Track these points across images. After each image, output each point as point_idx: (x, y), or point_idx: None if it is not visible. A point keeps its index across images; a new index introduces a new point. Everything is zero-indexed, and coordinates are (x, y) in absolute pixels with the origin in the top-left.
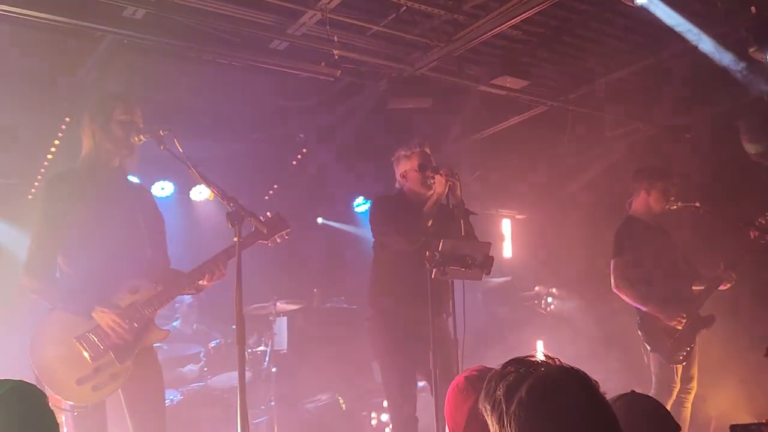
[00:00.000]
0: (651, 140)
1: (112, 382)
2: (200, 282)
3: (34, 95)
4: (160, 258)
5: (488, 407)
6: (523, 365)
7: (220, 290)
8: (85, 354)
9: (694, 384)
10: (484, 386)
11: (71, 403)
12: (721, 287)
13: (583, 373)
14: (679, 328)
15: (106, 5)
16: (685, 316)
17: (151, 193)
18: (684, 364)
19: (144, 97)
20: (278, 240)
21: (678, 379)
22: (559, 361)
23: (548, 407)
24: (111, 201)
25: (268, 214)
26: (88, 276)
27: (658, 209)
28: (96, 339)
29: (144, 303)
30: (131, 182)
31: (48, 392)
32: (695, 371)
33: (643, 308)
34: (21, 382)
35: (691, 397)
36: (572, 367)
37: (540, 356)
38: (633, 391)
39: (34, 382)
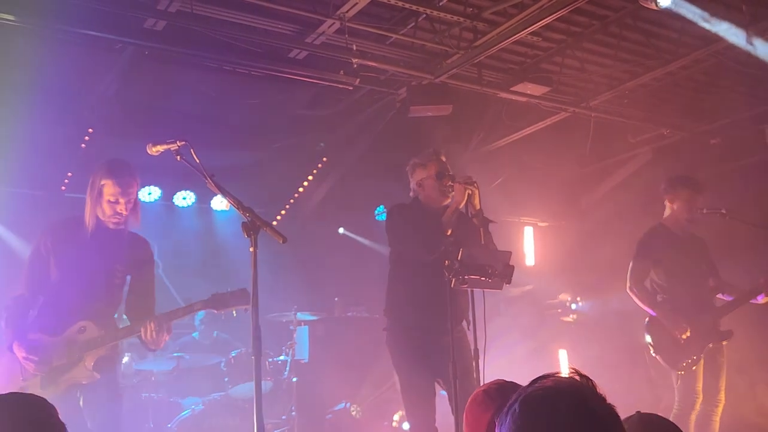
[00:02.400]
0: (676, 146)
1: None
2: (144, 337)
3: (57, 106)
4: (145, 304)
5: (497, 421)
6: (539, 380)
7: None
8: (20, 373)
9: (722, 396)
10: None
11: None
12: (759, 300)
13: (585, 385)
14: (683, 337)
15: (127, 17)
16: (687, 328)
17: (144, 244)
18: (699, 374)
19: (164, 106)
20: (234, 313)
21: (700, 391)
22: (593, 382)
23: (536, 422)
24: (91, 250)
25: (235, 289)
26: (45, 310)
27: (685, 218)
28: None
29: (82, 344)
30: (123, 233)
31: None
32: (723, 383)
33: (652, 312)
34: (28, 395)
35: (719, 410)
36: (572, 380)
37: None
38: (638, 412)
39: None
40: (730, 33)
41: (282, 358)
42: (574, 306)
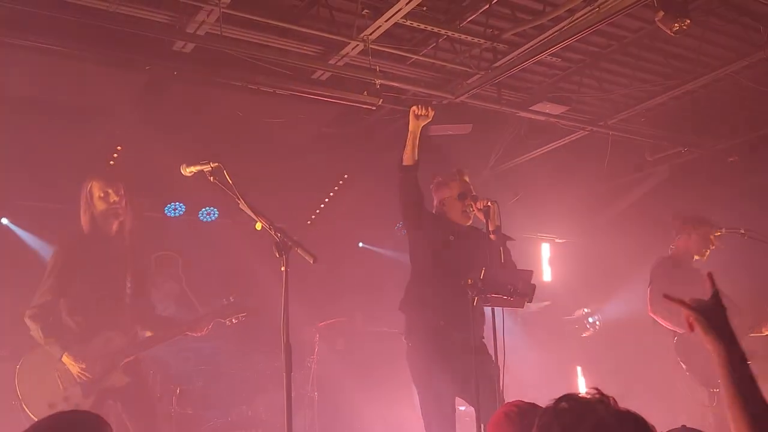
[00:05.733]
0: (693, 164)
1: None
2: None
3: (87, 124)
4: (144, 307)
5: None
6: (578, 403)
7: (263, 314)
8: (60, 383)
9: None
10: (537, 421)
11: None
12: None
13: (644, 419)
14: None
15: (157, 40)
16: None
17: (143, 255)
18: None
19: (189, 124)
20: (234, 321)
21: None
22: (614, 400)
23: None
24: (101, 264)
25: (231, 299)
26: (75, 325)
27: (693, 254)
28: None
29: (117, 352)
30: (126, 245)
31: (25, 412)
32: None
33: (680, 330)
34: (84, 412)
35: None
36: (634, 413)
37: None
38: (684, 426)
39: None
40: None
41: (304, 372)
42: (590, 320)
